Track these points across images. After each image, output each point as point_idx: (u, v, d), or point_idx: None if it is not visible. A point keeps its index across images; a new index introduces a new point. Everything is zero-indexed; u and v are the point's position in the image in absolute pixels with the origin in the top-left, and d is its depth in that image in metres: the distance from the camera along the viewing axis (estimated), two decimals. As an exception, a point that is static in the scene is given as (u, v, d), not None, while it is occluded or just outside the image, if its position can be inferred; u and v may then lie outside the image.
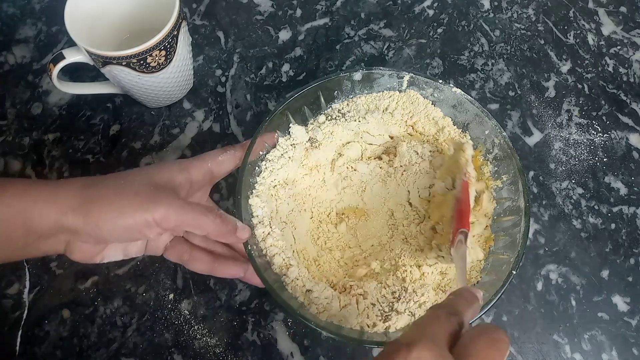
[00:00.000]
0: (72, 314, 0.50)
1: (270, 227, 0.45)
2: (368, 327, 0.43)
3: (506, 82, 0.62)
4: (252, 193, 0.46)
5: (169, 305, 0.51)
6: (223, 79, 0.62)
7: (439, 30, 0.65)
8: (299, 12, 0.67)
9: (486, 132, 0.49)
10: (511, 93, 0.61)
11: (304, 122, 0.51)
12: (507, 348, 0.28)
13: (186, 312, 0.50)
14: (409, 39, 0.65)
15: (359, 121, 0.51)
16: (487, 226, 0.49)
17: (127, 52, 0.47)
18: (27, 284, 0.52)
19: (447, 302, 0.32)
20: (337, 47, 0.64)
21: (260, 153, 0.48)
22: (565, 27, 0.65)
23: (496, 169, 0.50)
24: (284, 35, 0.65)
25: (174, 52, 0.51)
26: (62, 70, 0.52)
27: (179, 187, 0.40)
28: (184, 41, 0.53)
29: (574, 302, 0.51)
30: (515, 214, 0.46)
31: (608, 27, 0.65)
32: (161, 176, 0.38)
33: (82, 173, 0.57)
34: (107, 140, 0.59)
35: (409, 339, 0.27)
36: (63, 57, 0.51)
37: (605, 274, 0.52)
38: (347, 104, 0.53)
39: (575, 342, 0.49)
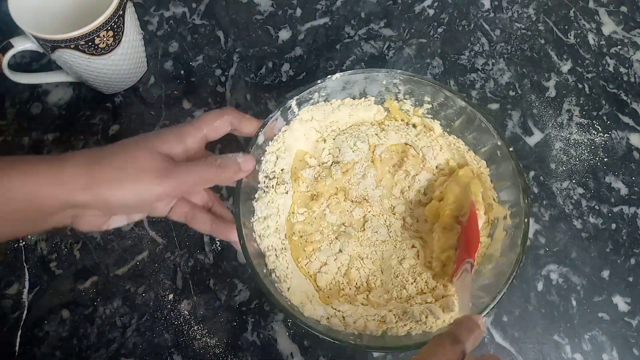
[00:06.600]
0: (72, 314, 0.50)
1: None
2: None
3: (507, 81, 0.62)
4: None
5: (169, 306, 0.50)
6: (223, 79, 0.62)
7: (440, 30, 0.65)
8: (299, 11, 0.67)
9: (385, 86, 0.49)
10: (512, 93, 0.61)
11: None
12: None
13: (186, 312, 0.50)
14: (409, 39, 0.64)
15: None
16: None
17: (73, 34, 0.47)
18: (27, 284, 0.51)
19: (450, 330, 0.33)
20: (337, 46, 0.64)
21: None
22: (566, 27, 0.65)
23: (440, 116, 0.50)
24: (284, 34, 0.65)
25: (122, 33, 0.51)
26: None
27: (176, 157, 0.41)
28: (131, 21, 0.53)
29: (574, 303, 0.51)
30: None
31: (608, 26, 0.65)
32: (162, 149, 0.39)
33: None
34: (106, 140, 0.58)
35: None
36: (11, 46, 0.51)
37: (605, 274, 0.52)
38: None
39: (576, 342, 0.49)
